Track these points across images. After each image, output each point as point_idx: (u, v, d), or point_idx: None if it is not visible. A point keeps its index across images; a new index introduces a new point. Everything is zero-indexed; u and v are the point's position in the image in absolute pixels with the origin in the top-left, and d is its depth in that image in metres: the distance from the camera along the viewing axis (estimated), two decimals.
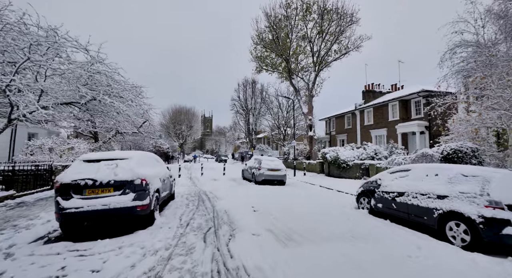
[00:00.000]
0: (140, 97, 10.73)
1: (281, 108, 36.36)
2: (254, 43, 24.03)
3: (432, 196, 4.76)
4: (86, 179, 4.53)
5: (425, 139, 20.01)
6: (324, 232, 4.88)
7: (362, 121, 26.88)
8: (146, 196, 4.97)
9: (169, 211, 6.53)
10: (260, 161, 12.79)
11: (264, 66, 25.18)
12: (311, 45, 22.39)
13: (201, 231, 4.86)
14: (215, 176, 16.79)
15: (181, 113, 56.92)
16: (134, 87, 9.79)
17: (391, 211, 5.74)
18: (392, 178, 5.99)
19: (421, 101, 20.30)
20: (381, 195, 6.04)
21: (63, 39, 6.87)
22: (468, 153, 8.52)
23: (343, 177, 15.98)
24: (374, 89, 28.16)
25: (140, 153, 5.81)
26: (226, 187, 11.49)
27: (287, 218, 5.87)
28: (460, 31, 8.08)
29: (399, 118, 21.86)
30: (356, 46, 21.11)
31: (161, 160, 7.21)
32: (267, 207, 7.12)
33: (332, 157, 16.25)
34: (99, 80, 8.34)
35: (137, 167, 5.06)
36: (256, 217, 5.95)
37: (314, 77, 22.57)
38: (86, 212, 4.39)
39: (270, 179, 12.22)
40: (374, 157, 15.70)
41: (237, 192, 9.94)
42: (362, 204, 6.86)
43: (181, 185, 11.99)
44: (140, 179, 4.89)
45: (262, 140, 60.45)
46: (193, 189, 10.67)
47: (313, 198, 8.79)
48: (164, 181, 6.56)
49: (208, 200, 8.21)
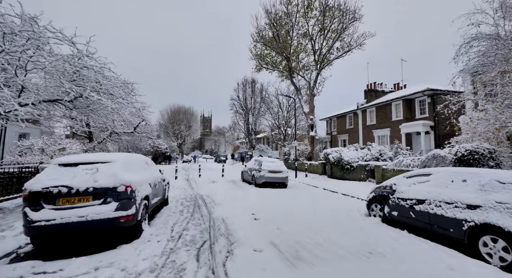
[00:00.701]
0: (133, 94, 10.07)
1: (281, 107, 35.73)
2: (254, 40, 23.40)
3: (461, 205, 4.13)
4: (59, 186, 3.89)
5: (430, 139, 19.43)
6: (337, 246, 4.25)
7: (365, 121, 26.28)
8: (132, 204, 4.33)
9: (160, 219, 5.88)
10: (260, 162, 12.15)
11: (264, 65, 24.54)
12: (312, 43, 21.77)
13: (194, 246, 4.22)
14: (213, 178, 16.14)
15: (179, 113, 56.27)
16: (125, 84, 9.12)
17: (408, 220, 5.11)
18: (410, 183, 5.36)
19: (426, 101, 19.71)
20: (397, 202, 5.42)
21: (44, 30, 6.24)
22: (485, 154, 7.91)
23: (347, 178, 15.36)
24: (377, 89, 27.58)
25: (126, 156, 5.16)
26: (225, 190, 10.86)
27: (292, 228, 5.24)
28: (477, 23, 7.49)
29: (403, 118, 21.27)
30: (359, 44, 20.50)
31: (152, 163, 6.57)
32: (269, 214, 6.49)
33: (335, 158, 15.63)
34: (87, 76, 7.70)
35: (121, 171, 4.42)
36: (257, 227, 5.32)
37: (315, 76, 21.95)
38: (59, 225, 3.75)
39: (271, 181, 11.58)
40: (379, 158, 15.08)
41: (236, 196, 9.30)
42: (374, 211, 6.24)
43: (177, 188, 11.35)
44: (125, 185, 4.25)
45: (262, 140, 59.82)
46: (190, 193, 10.03)
47: (318, 203, 8.16)
48: (155, 186, 5.93)
49: (205, 205, 7.57)
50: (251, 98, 44.74)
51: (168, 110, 56.34)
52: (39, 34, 5.96)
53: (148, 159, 6.42)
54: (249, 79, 44.91)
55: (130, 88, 9.55)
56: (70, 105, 7.96)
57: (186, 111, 57.35)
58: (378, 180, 12.64)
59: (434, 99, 19.05)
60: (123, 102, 8.90)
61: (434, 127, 19.00)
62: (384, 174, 12.34)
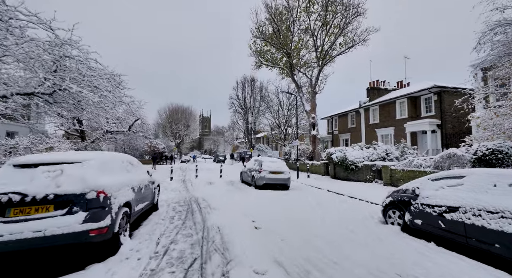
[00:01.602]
0: (121, 88, 9.24)
1: (281, 106, 34.90)
2: (253, 36, 22.63)
3: (509, 216, 3.36)
4: (10, 193, 3.09)
5: (436, 138, 18.69)
6: (355, 264, 3.47)
7: (367, 120, 25.54)
8: (106, 214, 3.55)
9: (146, 228, 5.09)
10: (260, 162, 11.36)
11: (264, 62, 23.78)
12: (314, 39, 21.01)
13: (181, 266, 3.43)
14: (211, 179, 15.35)
15: (178, 112, 55.44)
16: (112, 76, 8.28)
17: (436, 230, 4.34)
18: (437, 187, 4.59)
19: (432, 98, 18.96)
20: (421, 209, 4.65)
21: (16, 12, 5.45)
22: (509, 153, 7.15)
23: (351, 179, 14.60)
24: (379, 87, 26.82)
25: (103, 155, 4.36)
26: (222, 192, 10.07)
27: (298, 239, 4.46)
28: (502, 7, 6.73)
29: (408, 116, 20.52)
30: (363, 40, 19.74)
31: (138, 163, 5.77)
32: (271, 221, 5.71)
33: (339, 158, 14.87)
34: (70, 67, 6.91)
35: (93, 173, 3.63)
36: (258, 238, 4.54)
37: (317, 73, 21.18)
38: (7, 243, 2.95)
39: (272, 183, 10.80)
40: (385, 157, 14.33)
41: (234, 199, 8.52)
42: (392, 218, 5.46)
43: (171, 190, 10.56)
44: (96, 191, 3.46)
45: (261, 139, 59.04)
46: (184, 195, 9.23)
47: (324, 207, 7.39)
48: (140, 190, 5.14)
49: (199, 210, 6.78)
50: (251, 97, 43.96)
51: (166, 110, 55.53)
52: (7, 15, 5.15)
53: (134, 158, 5.62)
54: (248, 77, 44.14)
55: (117, 81, 8.72)
56: (50, 99, 7.16)
57: (184, 111, 56.51)
58: (386, 181, 11.88)
59: (441, 96, 18.31)
60: (108, 96, 8.08)
61: (441, 126, 18.26)
62: (393, 175, 11.58)
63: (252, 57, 23.84)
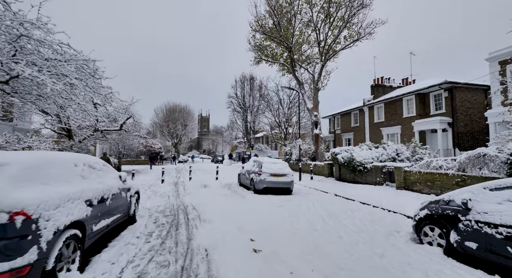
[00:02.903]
0: (97, 77, 7.97)
1: (281, 104, 33.68)
2: (252, 30, 21.42)
3: None
4: None
5: (447, 137, 17.56)
6: None
7: (372, 119, 24.40)
8: (29, 245, 2.35)
9: (111, 252, 3.87)
10: (260, 163, 10.17)
11: (264, 57, 22.58)
12: (317, 32, 19.81)
13: None
14: (206, 181, 14.15)
15: (175, 111, 54.17)
16: (85, 61, 6.98)
17: (505, 261, 3.16)
18: (500, 200, 3.41)
19: (443, 95, 17.82)
20: (476, 228, 3.47)
21: None
22: None
23: (359, 181, 13.43)
24: (384, 84, 25.69)
25: (32, 156, 3.09)
26: (216, 198, 8.87)
27: (314, 272, 3.27)
28: None
29: (416, 114, 19.38)
30: (369, 33, 18.57)
31: (103, 165, 4.54)
32: (275, 240, 4.51)
33: (346, 158, 13.69)
34: (30, 50, 5.71)
35: (7, 185, 2.42)
36: (259, 269, 3.34)
37: (320, 68, 20.00)
38: None
39: (273, 186, 9.62)
40: (396, 158, 13.16)
41: (230, 207, 7.32)
42: (429, 237, 4.28)
43: (159, 195, 9.35)
44: (9, 212, 2.25)
45: (261, 139, 57.86)
46: (172, 202, 8.03)
47: (337, 218, 6.20)
48: (104, 201, 3.93)
49: (186, 223, 5.59)
50: (250, 95, 42.77)
51: (163, 108, 54.23)
52: None
53: (96, 160, 4.41)
54: (247, 75, 42.96)
55: (92, 69, 7.45)
56: (7, 88, 5.94)
57: (181, 110, 55.25)
58: (399, 184, 10.71)
59: (452, 93, 17.17)
60: (78, 85, 6.82)
61: (452, 124, 17.13)
62: (407, 177, 10.41)
63: (251, 52, 22.65)
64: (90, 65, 7.29)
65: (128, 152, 39.48)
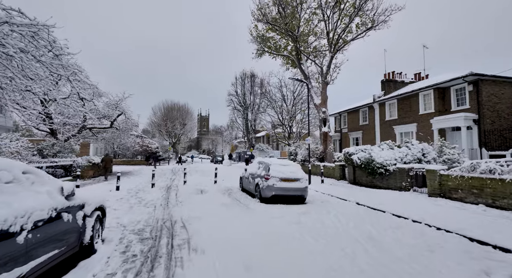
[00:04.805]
0: (55, 51, 6.15)
1: (285, 101, 31.85)
2: (254, 19, 19.66)
3: None
4: None
5: (471, 135, 15.82)
6: None
7: (383, 116, 22.68)
8: None
9: None
10: (267, 166, 8.43)
11: (267, 49, 20.85)
12: (325, 21, 18.07)
13: None
14: (203, 184, 12.43)
15: (173, 110, 52.49)
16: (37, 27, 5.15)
17: None
18: None
19: (467, 89, 16.07)
20: None
21: None
22: None
23: (378, 186, 11.70)
24: (396, 79, 23.98)
25: None
26: (214, 208, 7.14)
27: None
28: None
29: (435, 110, 17.65)
30: (384, 21, 16.83)
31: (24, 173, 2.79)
32: None
33: (363, 159, 11.96)
34: None
35: None
36: None
37: (329, 60, 18.25)
38: None
39: (284, 194, 7.88)
40: (422, 158, 11.45)
41: (231, 224, 5.59)
42: None
43: (144, 205, 7.61)
44: None
45: (261, 139, 56.13)
46: (158, 216, 6.30)
47: (380, 244, 4.47)
48: (13, 237, 2.19)
49: (169, 254, 3.86)
50: (251, 93, 41.02)
51: (161, 107, 52.51)
52: None
53: (13, 165, 2.66)
54: (248, 73, 41.21)
55: (47, 40, 5.65)
56: None
57: (180, 108, 53.59)
58: (433, 190, 8.99)
59: (478, 86, 15.43)
60: (24, 59, 5.06)
61: (478, 121, 15.40)
62: (443, 182, 8.69)
63: (253, 44, 20.91)
64: (43, 34, 5.50)
65: (123, 151, 37.72)
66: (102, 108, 18.52)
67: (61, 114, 16.10)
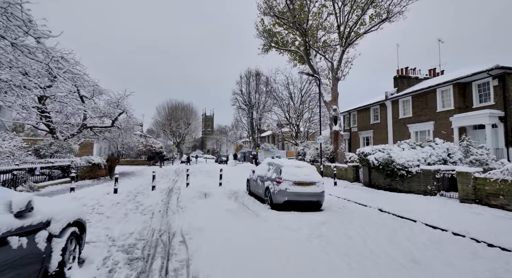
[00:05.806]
0: (33, 33, 5.25)
1: (292, 99, 30.74)
2: (260, 12, 18.75)
3: None
4: None
5: (497, 134, 14.62)
6: None
7: (396, 114, 21.51)
8: None
9: None
10: (279, 167, 7.50)
11: (274, 44, 19.91)
12: (336, 13, 17.04)
13: None
14: (207, 187, 11.58)
15: (178, 109, 51.87)
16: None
17: None
18: None
19: (491, 84, 14.86)
20: None
21: None
22: None
23: (398, 189, 10.67)
24: (409, 75, 22.76)
25: None
26: (219, 216, 6.26)
27: None
28: None
29: (455, 108, 16.45)
30: (399, 12, 15.73)
31: None
32: None
33: (381, 160, 10.94)
34: None
35: None
36: None
37: (340, 54, 17.21)
38: None
39: (298, 200, 6.95)
40: (447, 159, 10.38)
41: (239, 237, 4.68)
42: None
43: (141, 212, 6.77)
44: None
45: (266, 138, 55.16)
46: (155, 225, 5.44)
47: (430, 270, 3.51)
48: None
49: None
50: (256, 92, 40.06)
51: (165, 106, 51.96)
52: None
53: None
54: (253, 71, 40.28)
55: (21, 17, 4.77)
56: None
57: (184, 108, 52.97)
58: (465, 194, 7.95)
59: (504, 81, 14.22)
60: None
61: (505, 118, 14.19)
62: (479, 187, 7.64)
63: (259, 38, 20.00)
64: (14, 11, 4.64)
65: (127, 151, 37.20)
66: (103, 107, 17.86)
67: (60, 112, 15.46)
